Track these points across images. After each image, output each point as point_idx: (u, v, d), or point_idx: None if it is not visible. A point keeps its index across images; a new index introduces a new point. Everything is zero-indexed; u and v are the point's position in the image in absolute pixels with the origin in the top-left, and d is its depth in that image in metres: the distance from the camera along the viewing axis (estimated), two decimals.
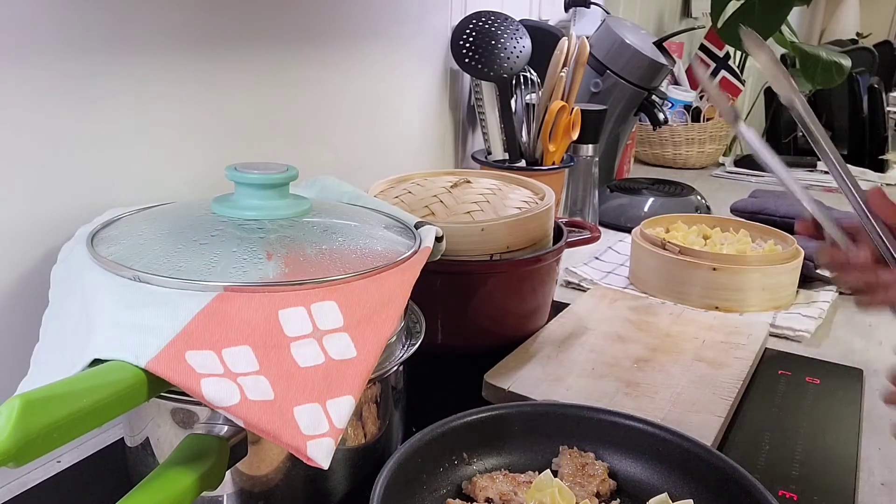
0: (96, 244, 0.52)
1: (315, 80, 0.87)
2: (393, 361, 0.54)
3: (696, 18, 2.54)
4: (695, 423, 0.65)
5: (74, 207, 0.60)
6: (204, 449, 0.43)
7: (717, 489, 0.52)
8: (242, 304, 0.45)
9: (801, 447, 0.66)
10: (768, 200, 1.29)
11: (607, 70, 1.32)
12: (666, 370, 0.74)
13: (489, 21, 1.14)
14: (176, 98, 0.69)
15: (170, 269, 0.47)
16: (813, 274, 1.02)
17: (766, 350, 0.84)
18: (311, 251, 0.51)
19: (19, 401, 0.33)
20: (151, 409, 0.49)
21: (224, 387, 0.41)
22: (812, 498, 0.59)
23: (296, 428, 0.42)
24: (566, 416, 0.59)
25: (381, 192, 0.81)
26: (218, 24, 0.72)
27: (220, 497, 0.50)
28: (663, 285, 0.98)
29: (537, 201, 0.79)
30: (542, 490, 0.50)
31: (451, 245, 0.67)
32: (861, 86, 2.89)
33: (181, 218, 0.55)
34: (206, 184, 0.72)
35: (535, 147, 1.14)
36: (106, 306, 0.45)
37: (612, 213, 1.33)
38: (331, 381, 0.44)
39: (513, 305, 0.77)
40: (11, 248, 0.57)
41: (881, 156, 2.58)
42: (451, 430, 0.55)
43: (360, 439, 0.54)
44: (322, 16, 0.86)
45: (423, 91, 1.12)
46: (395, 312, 0.50)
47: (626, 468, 0.57)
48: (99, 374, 0.39)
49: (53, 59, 0.57)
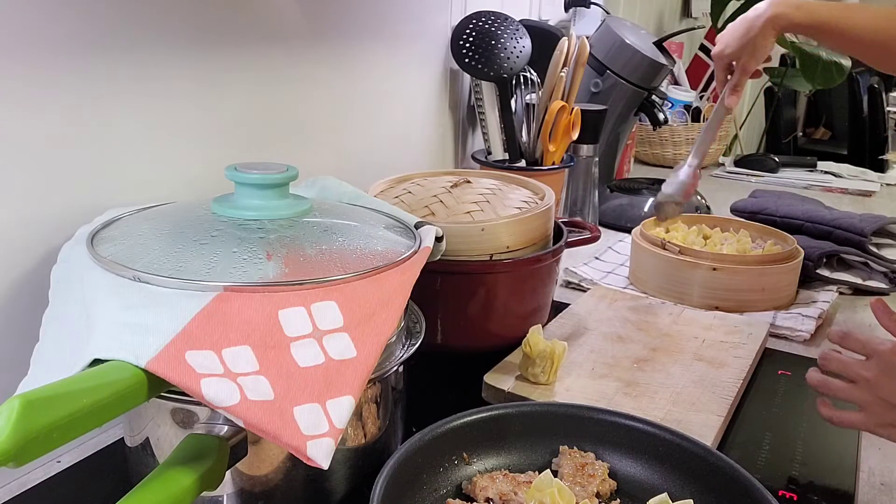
0: (96, 244, 0.52)
1: (315, 80, 0.87)
2: (393, 361, 0.54)
3: (696, 18, 2.54)
4: (695, 422, 0.65)
5: (74, 207, 0.60)
6: (204, 449, 0.43)
7: (717, 489, 0.52)
8: (242, 305, 0.45)
9: (801, 447, 0.66)
10: (768, 200, 1.29)
11: (607, 70, 1.32)
12: (666, 370, 0.74)
13: (489, 21, 1.14)
14: (176, 98, 0.69)
15: (170, 269, 0.47)
16: (813, 274, 1.02)
17: (766, 350, 0.84)
18: (311, 251, 0.51)
19: (19, 401, 0.33)
20: (151, 409, 0.49)
21: (224, 387, 0.41)
22: (812, 498, 0.59)
23: (296, 428, 0.42)
24: (566, 416, 0.59)
25: (381, 192, 0.81)
26: (218, 24, 0.72)
27: (220, 497, 0.50)
28: (663, 285, 0.98)
29: (537, 201, 0.79)
30: (542, 490, 0.50)
31: (451, 245, 0.67)
32: (861, 86, 2.89)
33: (181, 218, 0.55)
34: (206, 184, 0.72)
35: (535, 147, 1.14)
36: (106, 306, 0.45)
37: (612, 213, 1.33)
38: (331, 381, 0.44)
39: (513, 305, 0.77)
40: (11, 248, 0.57)
41: (881, 156, 2.58)
42: (451, 430, 0.55)
43: (360, 439, 0.54)
44: (322, 16, 0.86)
45: (423, 91, 1.12)
46: (395, 312, 0.50)
47: (626, 468, 0.57)
48: (99, 374, 0.39)
49: (54, 59, 0.57)
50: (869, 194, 1.68)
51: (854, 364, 0.59)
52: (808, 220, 1.16)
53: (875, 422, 0.57)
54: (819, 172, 1.84)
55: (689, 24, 2.47)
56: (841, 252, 1.07)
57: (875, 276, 1.06)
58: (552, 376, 0.70)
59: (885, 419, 0.57)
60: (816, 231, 1.14)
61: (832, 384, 0.60)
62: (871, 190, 1.70)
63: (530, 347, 0.70)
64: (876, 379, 0.57)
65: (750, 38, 0.92)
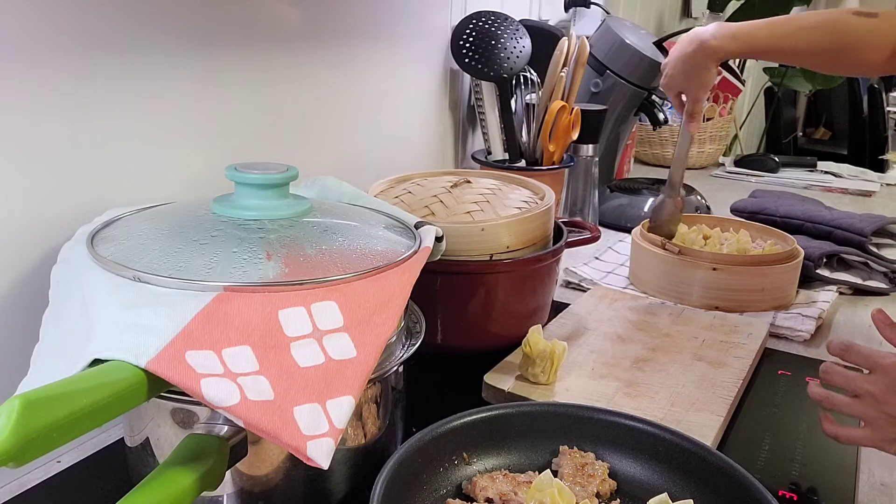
0: (96, 244, 0.52)
1: (315, 79, 0.87)
2: (393, 361, 0.54)
3: (696, 18, 2.54)
4: (695, 422, 0.65)
5: (74, 207, 0.60)
6: (204, 449, 0.43)
7: (717, 489, 0.52)
8: (242, 305, 0.45)
9: (801, 447, 0.66)
10: (768, 200, 1.29)
11: (607, 70, 1.32)
12: (666, 370, 0.74)
13: (489, 21, 1.14)
14: (176, 98, 0.69)
15: (170, 269, 0.47)
16: (813, 274, 1.02)
17: (766, 350, 0.84)
18: (311, 251, 0.51)
19: (19, 401, 0.33)
20: (151, 409, 0.49)
21: (224, 387, 0.41)
22: (812, 498, 0.59)
23: (296, 428, 0.42)
24: (566, 416, 0.59)
25: (381, 192, 0.81)
26: (218, 24, 0.72)
27: (220, 497, 0.50)
28: (663, 285, 0.98)
29: (537, 201, 0.79)
30: (542, 490, 0.50)
31: (451, 245, 0.67)
32: (861, 86, 2.89)
33: (181, 218, 0.55)
34: (206, 184, 0.72)
35: (535, 147, 1.14)
36: (106, 306, 0.45)
37: (612, 213, 1.33)
38: (331, 381, 0.44)
39: (513, 305, 0.77)
40: (11, 248, 0.57)
41: (881, 156, 2.58)
42: (451, 430, 0.55)
43: (360, 439, 0.54)
44: (322, 16, 0.86)
45: (423, 91, 1.12)
46: (395, 312, 0.50)
47: (626, 468, 0.57)
48: (99, 374, 0.39)
49: (54, 59, 0.57)
50: (869, 194, 1.68)
51: (857, 378, 0.58)
52: (808, 220, 1.16)
53: (881, 437, 0.56)
54: (819, 172, 1.84)
55: (688, 24, 2.47)
56: (841, 252, 1.07)
57: (875, 276, 1.06)
58: (552, 376, 0.70)
59: (891, 434, 0.56)
60: (816, 231, 1.14)
61: (835, 399, 0.59)
62: (871, 190, 1.70)
63: (530, 347, 0.70)
64: (882, 395, 0.56)
65: (693, 72, 0.94)
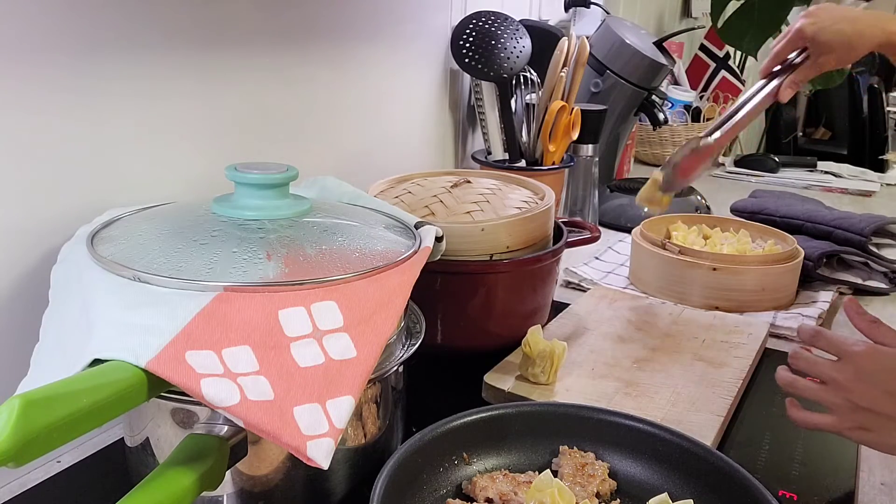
0: (96, 244, 0.52)
1: (315, 80, 0.87)
2: (393, 361, 0.54)
3: (696, 18, 2.54)
4: (694, 422, 0.65)
5: (74, 207, 0.60)
6: (204, 449, 0.43)
7: (717, 489, 0.52)
8: (242, 305, 0.45)
9: (801, 447, 0.66)
10: (768, 200, 1.29)
11: (607, 70, 1.32)
12: (666, 370, 0.74)
13: (489, 21, 1.14)
14: (176, 98, 0.69)
15: (170, 269, 0.47)
16: (813, 274, 1.02)
17: (766, 350, 0.84)
18: (311, 251, 0.51)
19: (19, 401, 0.33)
20: (151, 409, 0.49)
21: (224, 387, 0.41)
22: (812, 498, 0.59)
23: (296, 428, 0.42)
24: (566, 416, 0.59)
25: (381, 192, 0.81)
26: (218, 24, 0.72)
27: (220, 497, 0.50)
28: (663, 285, 0.98)
29: (537, 201, 0.79)
30: (542, 490, 0.50)
31: (451, 245, 0.67)
32: (861, 86, 2.89)
33: (181, 218, 0.55)
34: (206, 184, 0.72)
35: (535, 147, 1.14)
36: (106, 306, 0.45)
37: (612, 213, 1.33)
38: (331, 381, 0.44)
39: (513, 305, 0.77)
40: (11, 248, 0.57)
41: (881, 156, 2.58)
42: (451, 430, 0.55)
43: (360, 439, 0.54)
44: (322, 16, 0.86)
45: (423, 91, 1.12)
46: (395, 312, 0.50)
47: (626, 468, 0.57)
48: (99, 374, 0.39)
49: (54, 59, 0.57)
50: (869, 194, 1.68)
51: (825, 365, 0.58)
52: (808, 220, 1.16)
53: (845, 424, 0.56)
54: (819, 172, 1.84)
55: (689, 24, 2.47)
56: (841, 252, 1.07)
57: (875, 276, 1.06)
58: (552, 376, 0.70)
59: (855, 422, 0.55)
60: (816, 231, 1.13)
61: (801, 384, 0.59)
62: (871, 190, 1.70)
63: (530, 347, 0.70)
64: (848, 383, 0.55)
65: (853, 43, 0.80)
